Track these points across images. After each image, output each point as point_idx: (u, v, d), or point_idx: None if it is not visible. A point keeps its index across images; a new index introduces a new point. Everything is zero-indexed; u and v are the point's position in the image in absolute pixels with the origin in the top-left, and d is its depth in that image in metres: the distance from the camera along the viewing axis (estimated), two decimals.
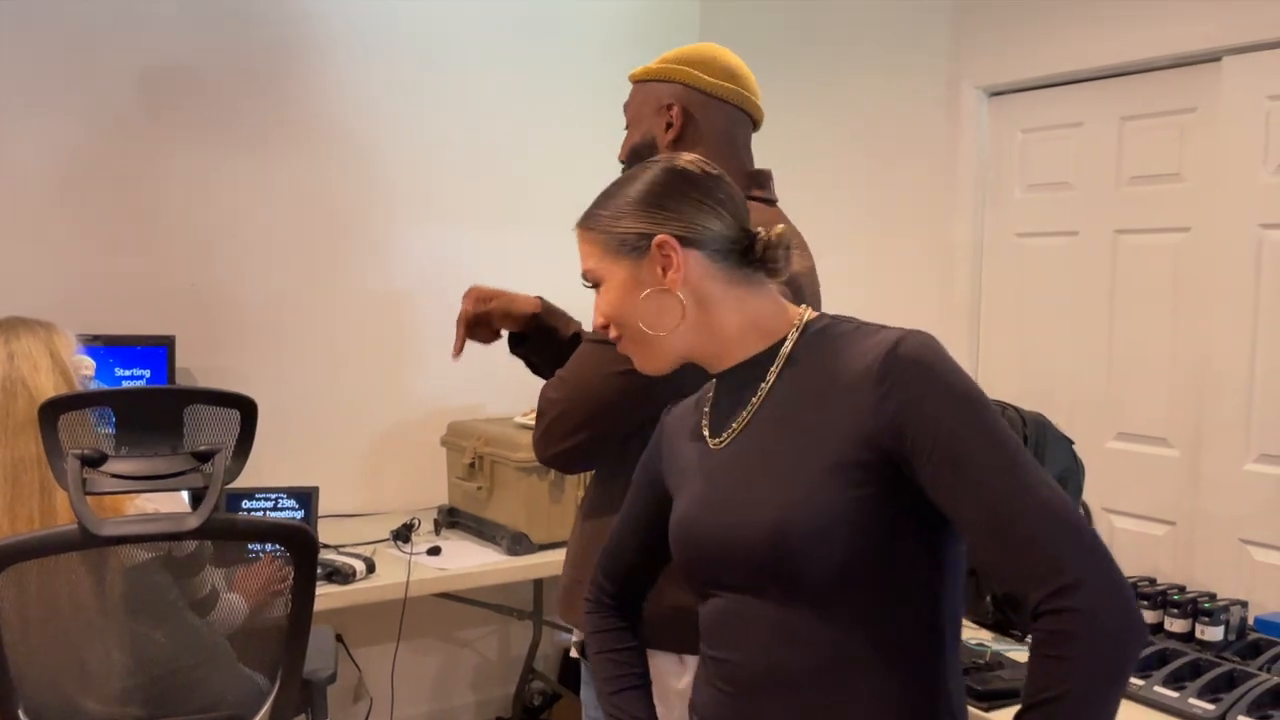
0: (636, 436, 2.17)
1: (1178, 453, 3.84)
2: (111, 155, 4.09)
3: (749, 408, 1.70)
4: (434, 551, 3.99)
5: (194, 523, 2.07)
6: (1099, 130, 4.07)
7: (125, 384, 3.87)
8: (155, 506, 2.39)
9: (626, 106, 2.52)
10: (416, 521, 4.20)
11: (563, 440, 2.23)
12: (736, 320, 1.72)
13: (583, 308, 2.53)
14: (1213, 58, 3.71)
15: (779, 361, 1.70)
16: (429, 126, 4.74)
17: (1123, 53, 3.92)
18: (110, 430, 2.13)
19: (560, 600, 2.42)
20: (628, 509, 1.98)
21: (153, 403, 2.18)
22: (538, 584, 4.87)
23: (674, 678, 2.19)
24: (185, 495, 2.45)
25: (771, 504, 1.58)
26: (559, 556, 3.89)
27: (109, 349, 3.85)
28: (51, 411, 2.06)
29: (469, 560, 3.95)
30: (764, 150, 2.57)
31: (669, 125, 2.39)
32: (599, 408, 2.19)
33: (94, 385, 2.70)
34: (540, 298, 2.57)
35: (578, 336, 2.45)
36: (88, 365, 2.61)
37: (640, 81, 2.48)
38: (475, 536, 4.21)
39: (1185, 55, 3.77)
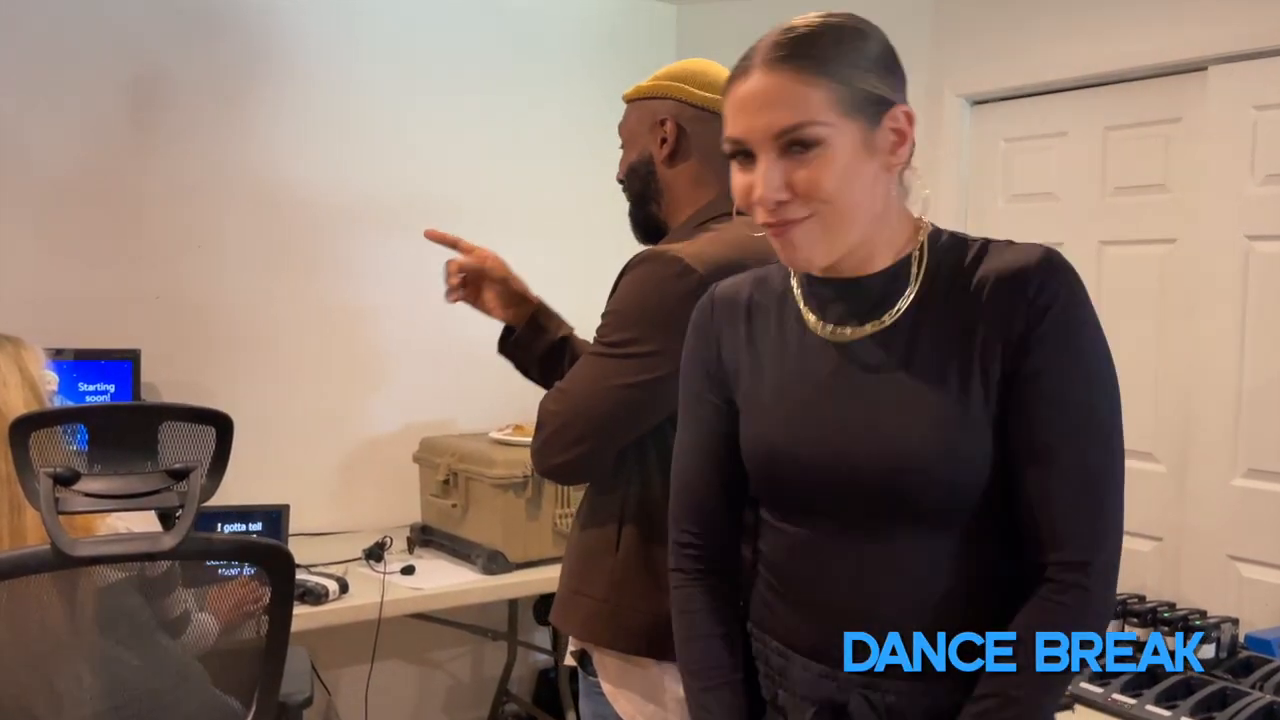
0: (634, 446, 2.20)
1: (1164, 468, 3.86)
2: (75, 164, 4.06)
3: (889, 314, 1.59)
4: (408, 571, 3.96)
5: (170, 542, 2.05)
6: (1083, 140, 4.09)
7: (89, 399, 3.84)
8: (127, 526, 2.38)
9: (621, 127, 2.53)
10: (389, 540, 4.16)
11: (563, 452, 2.23)
12: (894, 220, 1.62)
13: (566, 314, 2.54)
14: (1199, 67, 3.74)
15: (919, 270, 1.60)
16: (403, 138, 4.72)
17: (1108, 61, 3.95)
18: (82, 447, 2.12)
19: (557, 610, 2.41)
20: (694, 437, 1.79)
21: (126, 419, 2.16)
22: (512, 604, 4.83)
23: (675, 684, 2.18)
24: (154, 513, 2.43)
25: (911, 432, 1.53)
26: (536, 576, 3.93)
27: (72, 363, 3.81)
28: (22, 429, 2.04)
29: (443, 580, 3.92)
30: None
31: (663, 141, 2.40)
32: (600, 420, 2.18)
33: (58, 401, 2.68)
34: (539, 299, 2.58)
35: (566, 341, 2.44)
36: (51, 380, 2.60)
37: (633, 100, 2.50)
38: (450, 555, 4.18)
39: (1171, 64, 3.80)
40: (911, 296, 1.59)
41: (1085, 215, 4.07)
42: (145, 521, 2.43)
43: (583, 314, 2.47)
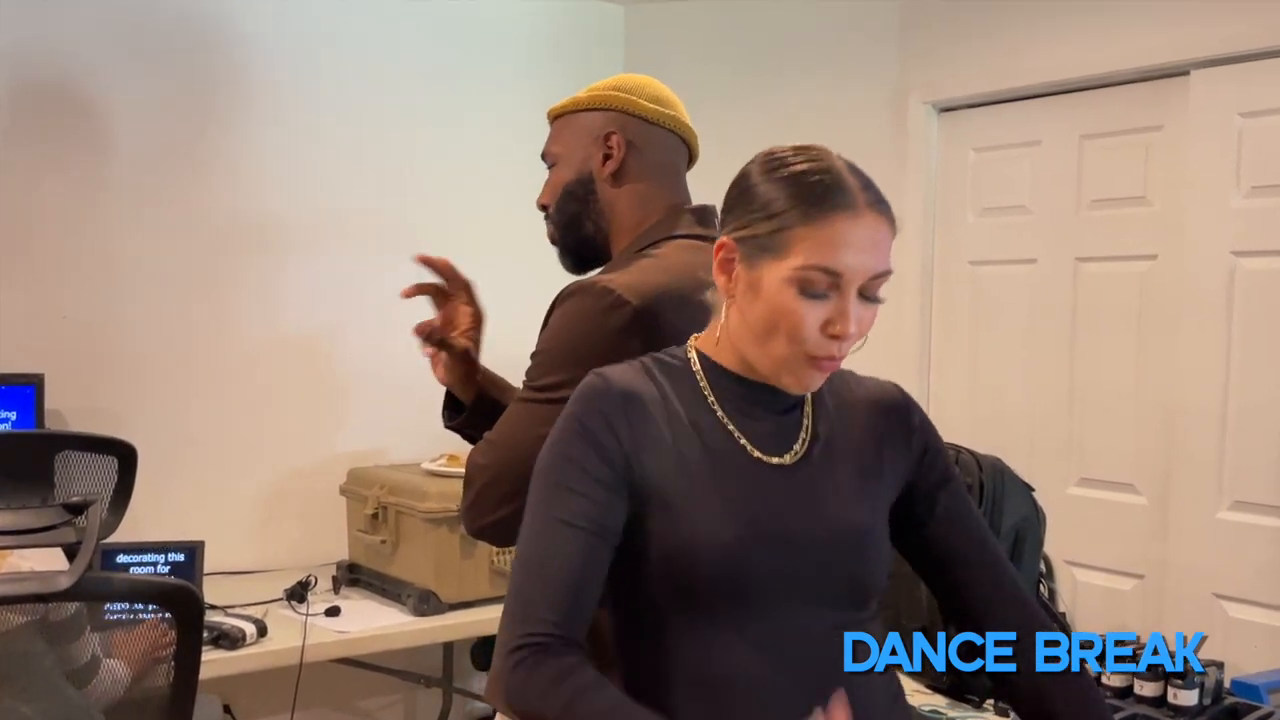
0: None
1: (1145, 500, 3.85)
2: None
3: (803, 429, 1.80)
4: (332, 612, 3.91)
5: (65, 583, 2.01)
6: (1058, 149, 4.09)
7: None
8: (31, 565, 2.32)
9: (548, 146, 2.45)
10: (313, 579, 4.09)
11: (494, 510, 2.15)
12: None
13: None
14: (1180, 71, 3.74)
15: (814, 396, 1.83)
16: (328, 150, 4.67)
17: (1083, 65, 3.94)
18: None
19: (490, 685, 2.34)
20: (577, 514, 1.70)
21: (19, 448, 2.13)
22: (448, 647, 4.78)
23: None
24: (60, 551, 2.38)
25: (853, 514, 1.77)
26: (471, 617, 3.90)
27: None
28: None
29: (371, 622, 3.87)
30: (692, 174, 2.51)
31: (607, 156, 2.33)
32: (531, 472, 2.12)
33: None
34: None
35: None
36: None
37: (562, 115, 2.43)
38: (378, 595, 4.13)
39: (1151, 68, 3.80)
40: (812, 408, 1.83)
41: (1060, 229, 4.07)
42: (51, 561, 2.38)
43: (528, 334, 2.40)
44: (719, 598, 1.69)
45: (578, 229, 2.38)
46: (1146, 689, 3.09)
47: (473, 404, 2.42)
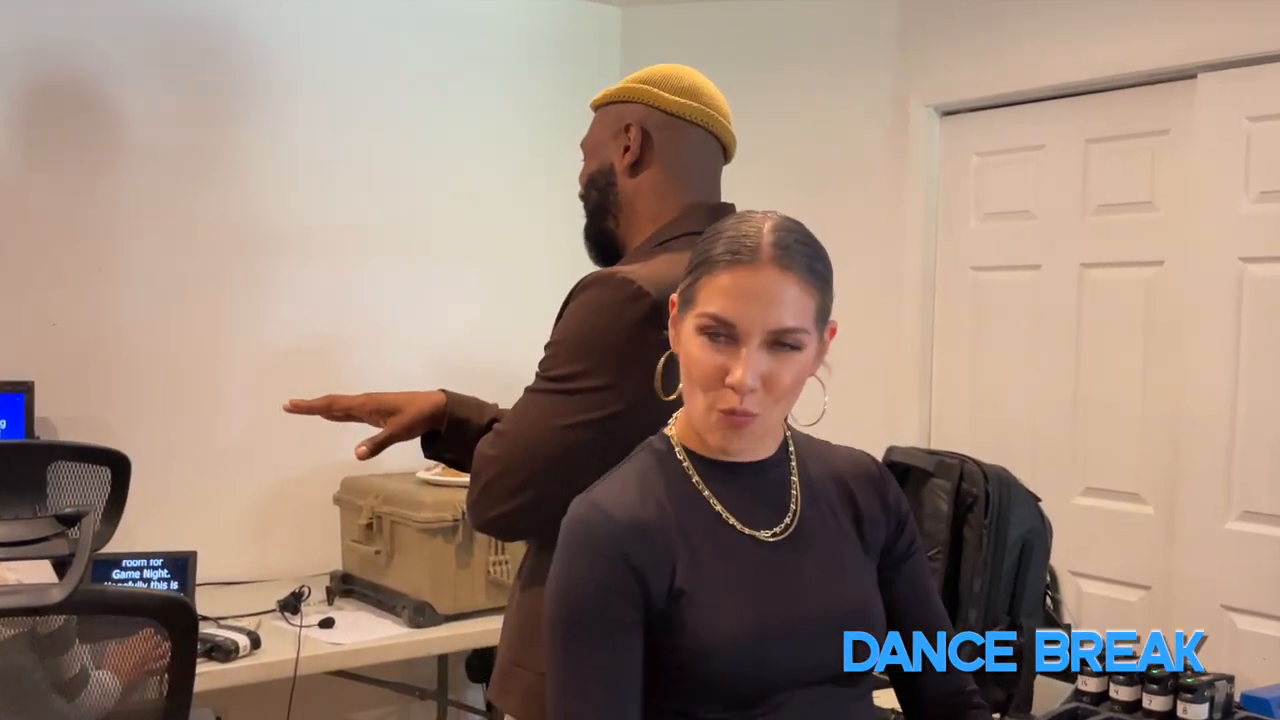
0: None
1: (1152, 510, 3.84)
2: None
3: (792, 500, 1.83)
4: (326, 624, 3.90)
5: (58, 595, 2.00)
6: (1062, 154, 4.07)
7: None
8: (18, 578, 2.31)
9: (585, 138, 2.46)
10: (306, 590, 4.07)
11: (503, 503, 2.14)
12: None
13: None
14: (1187, 75, 3.73)
15: (794, 459, 1.87)
16: (324, 155, 4.66)
17: (1089, 69, 3.93)
18: None
19: (495, 683, 2.33)
20: (613, 673, 1.72)
21: (11, 459, 2.11)
22: (442, 660, 4.76)
23: None
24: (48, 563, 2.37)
25: (856, 584, 1.84)
26: (466, 629, 3.90)
27: None
28: None
29: (366, 633, 3.86)
30: None
31: (626, 149, 2.33)
32: (544, 465, 2.09)
33: None
34: (444, 390, 2.49)
35: (496, 422, 2.35)
36: None
37: (600, 107, 2.44)
38: (373, 607, 4.12)
39: (1157, 72, 3.79)
40: (799, 488, 1.85)
41: (1065, 235, 4.06)
42: (39, 573, 2.37)
43: (524, 339, 2.39)
44: (736, 692, 1.71)
45: (600, 220, 2.40)
46: (1155, 703, 3.06)
47: (445, 431, 2.42)
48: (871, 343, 4.48)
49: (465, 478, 2.25)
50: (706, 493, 1.79)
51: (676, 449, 1.82)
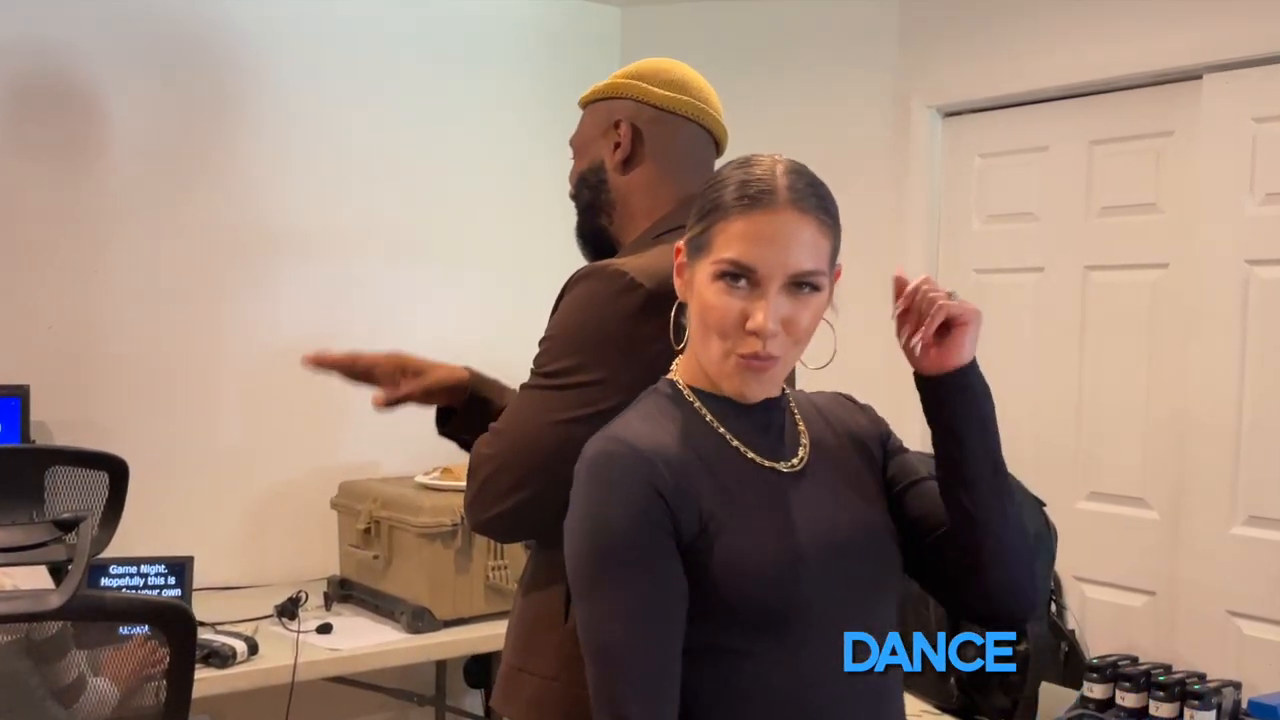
0: None
1: (1157, 514, 3.82)
2: None
3: (801, 434, 1.86)
4: (324, 629, 3.89)
5: (56, 602, 1.98)
6: (1066, 155, 4.06)
7: None
8: (14, 583, 2.30)
9: (574, 135, 2.45)
10: (304, 595, 4.06)
11: (500, 501, 2.11)
12: None
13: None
14: (1193, 75, 3.72)
15: (790, 398, 1.90)
16: (320, 156, 4.65)
17: (1093, 69, 3.92)
18: None
19: (498, 690, 2.31)
20: (652, 601, 1.72)
21: (9, 464, 2.10)
22: (440, 665, 4.76)
23: None
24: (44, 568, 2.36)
25: (871, 508, 1.86)
26: (465, 635, 3.89)
27: None
28: None
29: (364, 639, 3.85)
30: None
31: (616, 145, 2.32)
32: (541, 462, 2.06)
33: None
34: (469, 368, 2.47)
35: None
36: None
37: (588, 104, 2.43)
38: (371, 612, 4.11)
39: (1162, 72, 3.77)
40: (803, 423, 1.89)
41: (1069, 237, 4.04)
42: (35, 578, 2.36)
43: (525, 338, 2.36)
44: (768, 618, 1.72)
45: (592, 218, 2.38)
46: (1162, 710, 3.06)
47: (464, 406, 2.39)
48: (872, 345, 4.44)
49: (464, 482, 2.22)
50: (722, 429, 1.80)
51: (685, 391, 1.83)
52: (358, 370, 2.47)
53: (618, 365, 1.98)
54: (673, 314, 1.86)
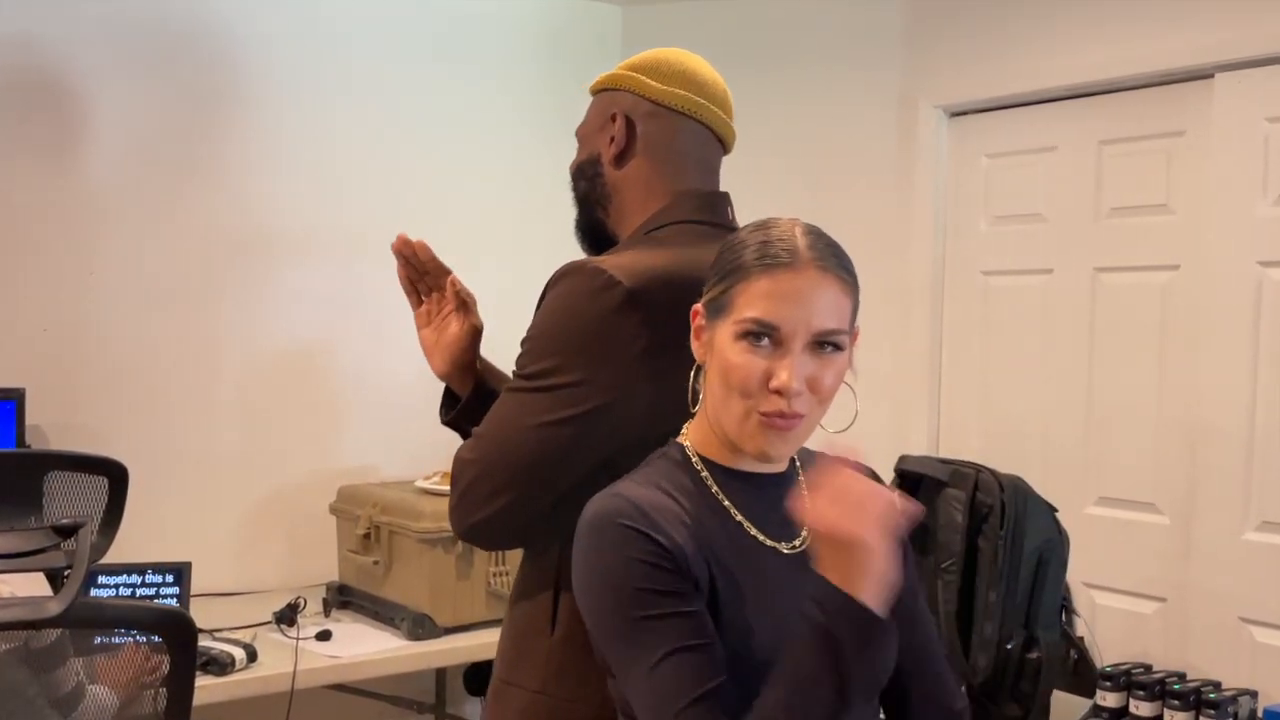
0: (571, 501, 1.95)
1: (1168, 520, 3.80)
2: None
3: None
4: (324, 636, 3.88)
5: (56, 609, 1.95)
6: (1075, 155, 4.05)
7: None
8: (11, 590, 2.28)
9: (581, 125, 2.42)
10: (303, 601, 4.07)
11: (482, 507, 2.07)
12: None
13: (491, 354, 2.42)
14: (1204, 74, 3.70)
15: (800, 471, 1.88)
16: (319, 155, 4.64)
17: (1102, 68, 3.90)
18: None
19: (488, 705, 2.27)
20: (695, 639, 1.68)
21: (6, 468, 2.07)
22: (440, 673, 4.76)
23: None
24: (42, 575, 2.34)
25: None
26: (466, 642, 3.88)
27: None
28: None
29: (364, 646, 3.83)
30: None
31: (611, 139, 2.29)
32: (522, 466, 2.03)
33: None
34: (481, 356, 2.44)
35: None
36: None
37: (596, 93, 2.41)
38: (370, 618, 4.10)
39: (1173, 72, 3.76)
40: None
41: (1077, 239, 4.03)
42: (32, 585, 2.34)
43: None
44: (749, 701, 1.67)
45: (589, 210, 2.37)
46: (1178, 719, 3.03)
47: (471, 393, 2.36)
48: (879, 348, 4.44)
49: None
50: (727, 503, 1.79)
51: (693, 459, 1.82)
52: (428, 269, 2.58)
53: (596, 366, 1.96)
54: (690, 378, 1.84)
